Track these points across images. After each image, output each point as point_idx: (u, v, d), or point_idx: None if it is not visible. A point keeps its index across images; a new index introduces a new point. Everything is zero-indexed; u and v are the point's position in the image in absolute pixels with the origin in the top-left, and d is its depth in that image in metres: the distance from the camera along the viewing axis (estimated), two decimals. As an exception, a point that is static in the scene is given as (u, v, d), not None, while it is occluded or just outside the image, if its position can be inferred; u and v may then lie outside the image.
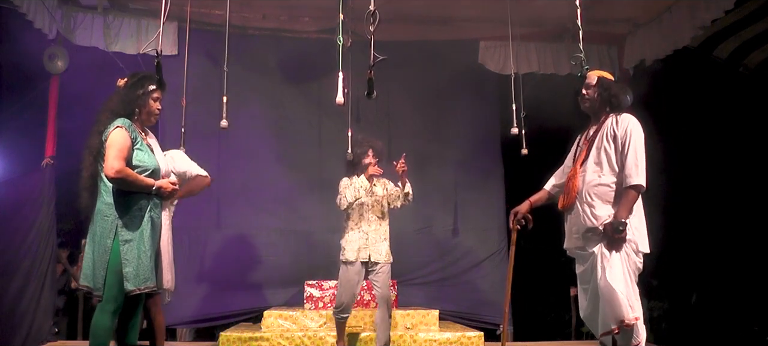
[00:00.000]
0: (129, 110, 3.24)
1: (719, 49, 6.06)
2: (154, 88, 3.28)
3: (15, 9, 5.26)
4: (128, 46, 5.93)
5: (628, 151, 3.11)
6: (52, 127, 5.73)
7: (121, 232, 3.11)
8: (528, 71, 6.34)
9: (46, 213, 5.56)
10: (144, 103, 3.29)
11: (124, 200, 3.15)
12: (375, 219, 4.63)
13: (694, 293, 6.60)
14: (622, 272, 3.06)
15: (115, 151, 3.09)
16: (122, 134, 3.14)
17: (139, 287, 3.11)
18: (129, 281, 3.09)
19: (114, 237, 3.10)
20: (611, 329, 3.06)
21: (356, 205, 4.60)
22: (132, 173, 3.13)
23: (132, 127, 3.21)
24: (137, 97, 3.26)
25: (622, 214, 3.05)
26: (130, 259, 3.10)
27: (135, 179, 3.14)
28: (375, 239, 4.60)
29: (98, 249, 3.12)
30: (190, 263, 6.26)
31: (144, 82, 3.29)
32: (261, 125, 6.62)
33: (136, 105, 3.27)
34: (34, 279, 5.43)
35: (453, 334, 5.25)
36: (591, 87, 3.32)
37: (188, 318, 6.26)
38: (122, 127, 3.15)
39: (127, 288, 3.09)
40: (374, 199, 4.65)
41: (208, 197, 6.41)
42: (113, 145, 3.10)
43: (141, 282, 3.11)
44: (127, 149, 3.14)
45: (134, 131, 3.21)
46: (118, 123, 3.16)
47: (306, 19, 6.34)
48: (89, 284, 3.15)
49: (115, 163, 3.07)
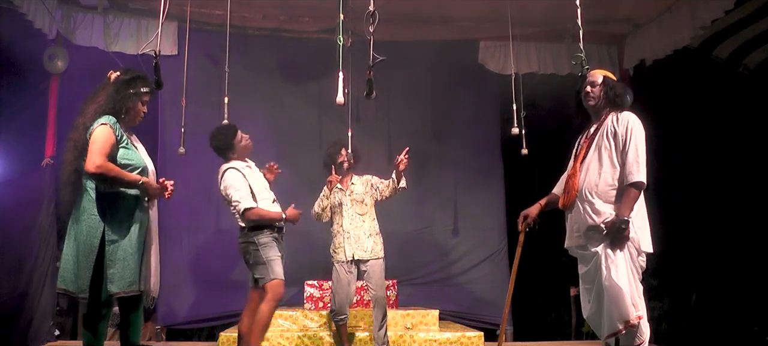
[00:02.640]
0: (117, 108, 3.15)
1: (719, 49, 6.06)
2: (146, 90, 3.23)
3: (15, 9, 5.26)
4: (128, 46, 5.93)
5: (629, 149, 3.09)
6: (52, 127, 5.73)
7: (107, 232, 3.02)
8: (528, 71, 6.35)
9: (46, 213, 5.56)
10: (133, 104, 3.21)
11: (111, 198, 3.06)
12: (356, 216, 4.68)
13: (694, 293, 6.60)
14: (627, 271, 3.04)
15: (98, 146, 3.01)
16: (107, 131, 3.06)
17: (124, 290, 3.02)
18: (112, 283, 3.00)
19: (100, 237, 3.02)
20: (618, 330, 3.03)
21: (335, 206, 4.70)
22: (114, 169, 3.04)
23: (117, 125, 3.11)
24: (127, 96, 3.18)
25: (625, 212, 3.04)
26: (116, 260, 3.01)
27: (117, 173, 3.05)
28: (358, 235, 4.65)
29: (83, 249, 3.02)
30: (190, 263, 6.26)
31: (136, 83, 3.22)
32: (261, 125, 6.61)
33: (124, 104, 3.17)
34: (34, 279, 5.43)
35: (453, 334, 5.25)
36: (597, 85, 3.31)
37: (188, 318, 6.27)
38: (107, 125, 3.07)
39: (111, 290, 3.00)
40: (352, 197, 4.68)
41: (208, 197, 6.42)
42: (96, 142, 3.02)
43: (125, 285, 3.02)
44: (111, 147, 3.06)
45: (119, 129, 3.13)
46: (103, 120, 3.07)
47: (306, 19, 6.33)
48: (68, 287, 3.05)
49: (96, 158, 2.98)
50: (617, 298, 3.01)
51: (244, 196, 3.98)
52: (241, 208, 3.96)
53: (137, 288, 3.08)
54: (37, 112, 5.88)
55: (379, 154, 6.27)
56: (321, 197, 4.77)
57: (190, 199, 6.24)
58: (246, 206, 3.94)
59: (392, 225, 5.38)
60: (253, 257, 4.02)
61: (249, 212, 3.95)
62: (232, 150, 4.14)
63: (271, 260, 4.02)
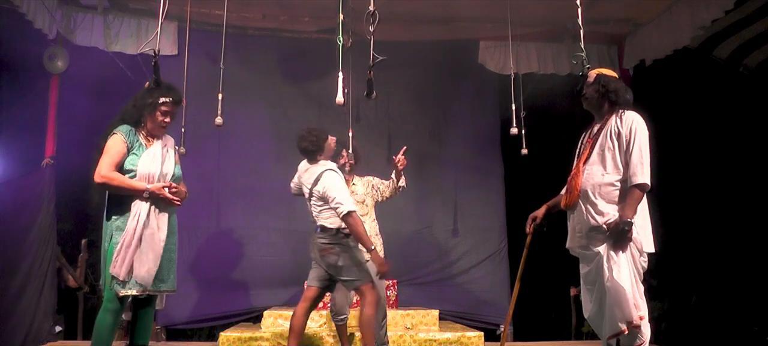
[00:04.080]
0: (136, 117, 3.28)
1: (719, 49, 6.06)
2: (164, 100, 3.28)
3: (15, 9, 5.25)
4: (128, 46, 5.93)
5: (633, 150, 3.07)
6: (52, 128, 5.73)
7: (115, 234, 3.13)
8: (528, 71, 6.35)
9: (46, 213, 5.56)
10: (151, 113, 3.28)
11: (120, 202, 3.17)
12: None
13: (694, 293, 6.60)
14: (629, 272, 3.03)
15: (107, 158, 3.15)
16: (117, 140, 3.18)
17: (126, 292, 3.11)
18: (117, 283, 3.10)
19: (110, 240, 3.14)
20: (620, 330, 3.02)
21: None
22: (117, 179, 3.14)
23: (131, 132, 3.23)
24: (145, 106, 3.28)
25: (628, 213, 3.01)
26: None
27: (121, 183, 3.15)
28: None
29: (102, 250, 3.18)
30: (190, 263, 6.26)
31: (154, 93, 3.30)
32: (261, 125, 6.62)
33: (142, 113, 3.28)
34: (34, 279, 5.43)
35: (453, 334, 5.25)
36: (590, 85, 3.30)
37: (188, 318, 6.27)
38: (118, 134, 3.19)
39: (116, 289, 3.10)
40: (354, 198, 4.68)
41: (208, 197, 6.42)
42: (107, 152, 3.16)
43: (131, 286, 3.11)
44: (121, 155, 3.17)
45: (133, 137, 3.23)
46: (117, 129, 3.21)
47: (306, 19, 6.33)
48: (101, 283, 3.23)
49: (101, 169, 3.13)
50: (619, 299, 3.00)
51: (346, 198, 4.03)
52: (344, 210, 3.96)
53: (141, 290, 3.14)
54: (37, 112, 5.88)
55: (379, 154, 6.28)
56: None
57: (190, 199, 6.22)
58: (350, 209, 3.97)
59: (392, 225, 5.38)
60: (343, 259, 4.07)
61: (351, 215, 3.97)
62: (321, 152, 4.21)
63: (365, 262, 4.16)
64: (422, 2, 5.93)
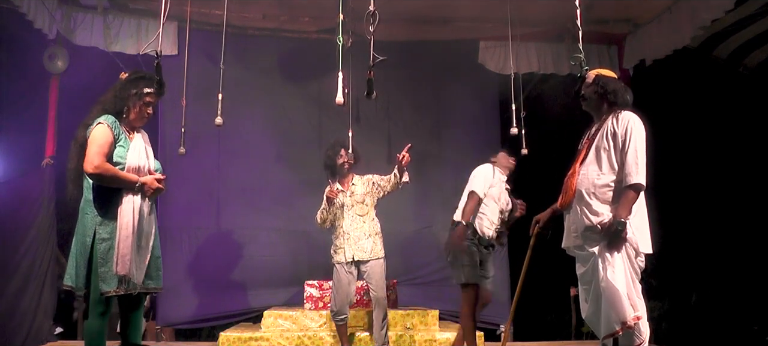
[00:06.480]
0: (118, 108, 3.18)
1: (719, 49, 6.06)
2: (148, 91, 3.22)
3: (15, 9, 5.26)
4: (128, 46, 5.94)
5: (628, 150, 3.06)
6: (52, 127, 5.73)
7: (99, 230, 3.02)
8: (528, 71, 6.35)
9: (46, 213, 5.57)
10: (133, 104, 3.20)
11: (104, 197, 3.06)
12: (356, 217, 4.68)
13: (694, 293, 6.60)
14: (624, 272, 3.03)
15: (95, 147, 3.03)
16: (104, 130, 3.08)
17: (115, 290, 3.00)
18: (104, 282, 2.99)
19: (93, 235, 3.02)
20: (615, 331, 3.02)
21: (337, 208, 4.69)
22: (111, 169, 3.05)
23: (115, 123, 3.13)
24: (129, 96, 3.19)
25: (622, 213, 3.01)
26: (107, 259, 3.00)
27: (115, 174, 3.06)
28: (357, 236, 4.65)
29: (80, 247, 3.05)
30: (191, 263, 6.26)
31: (139, 83, 3.22)
32: (261, 125, 6.62)
33: (126, 104, 3.19)
34: (34, 279, 5.44)
35: (453, 334, 5.24)
36: (589, 86, 3.30)
37: (188, 318, 6.27)
38: (104, 124, 3.09)
39: (102, 289, 2.99)
40: (353, 198, 4.68)
41: (208, 197, 6.42)
42: (94, 142, 3.04)
43: (118, 284, 3.00)
44: (109, 146, 3.07)
45: (118, 128, 3.13)
46: (101, 119, 3.10)
47: (306, 19, 6.33)
48: (71, 284, 3.07)
49: (95, 159, 3.00)
50: (614, 299, 3.00)
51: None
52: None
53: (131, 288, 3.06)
54: (37, 112, 5.89)
55: (380, 154, 6.27)
56: (322, 209, 4.76)
57: (190, 199, 6.25)
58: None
59: (392, 225, 5.37)
60: (469, 258, 4.36)
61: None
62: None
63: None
64: (422, 2, 5.93)
